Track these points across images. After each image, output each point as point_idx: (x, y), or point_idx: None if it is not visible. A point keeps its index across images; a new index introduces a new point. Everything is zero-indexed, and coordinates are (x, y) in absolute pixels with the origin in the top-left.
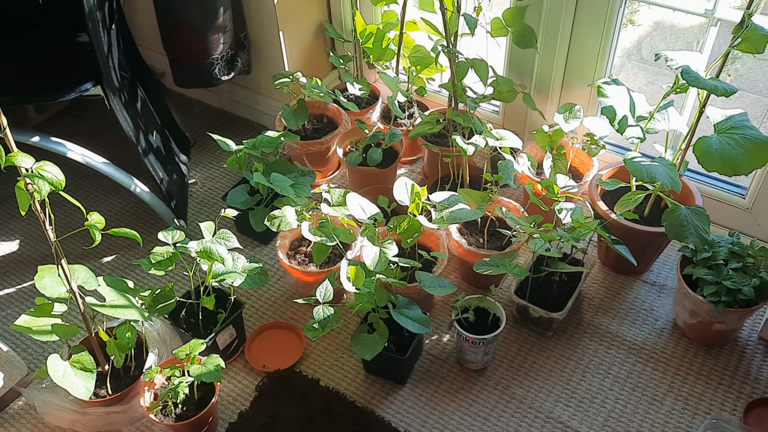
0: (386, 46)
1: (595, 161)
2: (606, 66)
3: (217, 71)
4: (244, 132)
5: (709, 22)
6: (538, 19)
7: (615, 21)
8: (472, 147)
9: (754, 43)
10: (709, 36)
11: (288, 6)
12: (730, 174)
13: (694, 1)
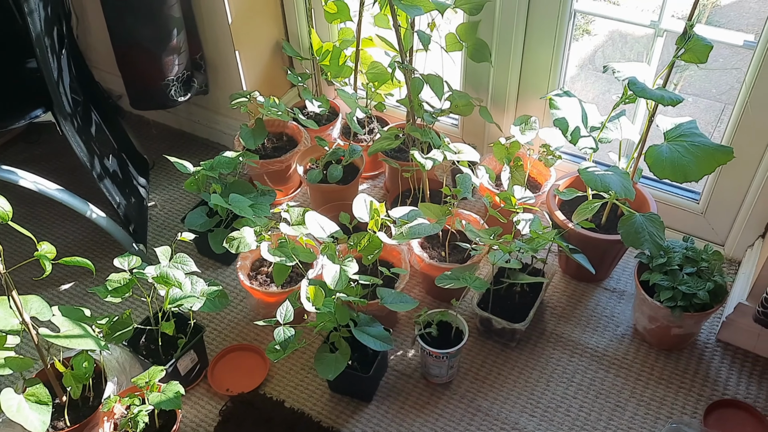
0: (343, 63)
1: (552, 171)
2: (559, 77)
3: (174, 92)
4: (204, 152)
5: (655, 33)
6: (491, 34)
7: (565, 34)
8: (430, 162)
9: (697, 54)
10: (656, 46)
11: (243, 25)
12: (680, 181)
13: (641, 13)
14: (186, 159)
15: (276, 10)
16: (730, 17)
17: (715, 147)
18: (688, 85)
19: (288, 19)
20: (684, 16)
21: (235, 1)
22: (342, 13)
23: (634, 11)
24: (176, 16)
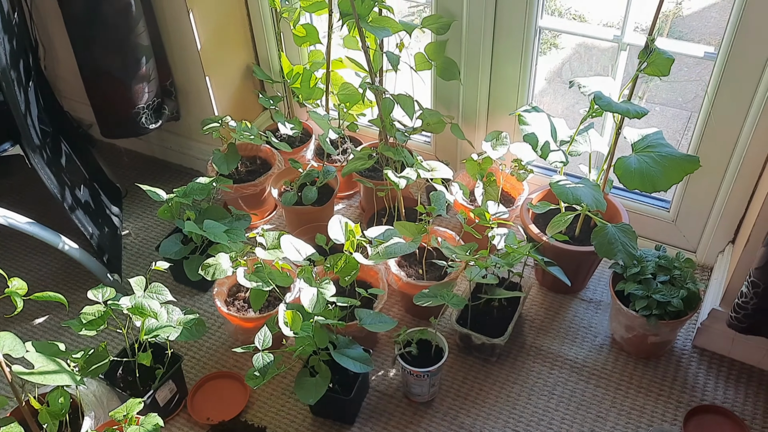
0: (314, 85)
1: (525, 185)
2: (527, 92)
3: (144, 120)
4: (177, 178)
5: (618, 47)
6: (459, 52)
7: (531, 50)
8: (403, 180)
9: (659, 67)
10: (620, 60)
11: (213, 51)
12: (650, 191)
13: (605, 28)
14: (159, 186)
15: (245, 35)
16: (693, 26)
17: (682, 157)
18: (654, 94)
19: (258, 43)
20: (647, 29)
21: (204, 28)
22: (311, 36)
23: (598, 27)
24: (144, 44)
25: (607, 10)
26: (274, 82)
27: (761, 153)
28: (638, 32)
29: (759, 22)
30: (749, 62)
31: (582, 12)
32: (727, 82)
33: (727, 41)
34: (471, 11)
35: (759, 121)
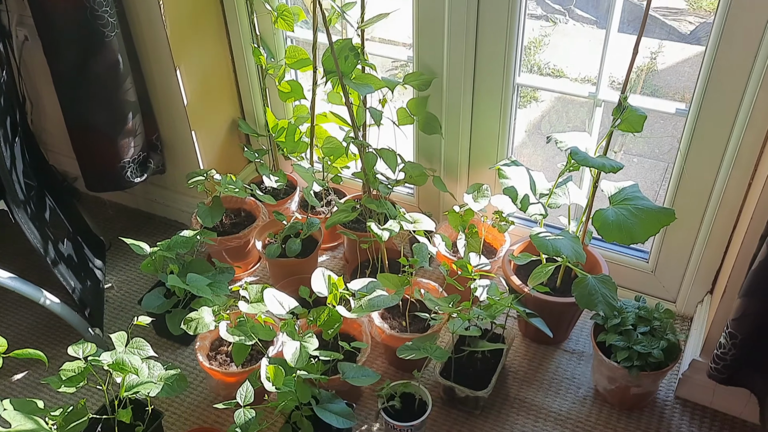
0: (299, 139)
1: (506, 236)
2: (507, 146)
3: (130, 174)
4: (162, 230)
5: (594, 103)
6: (441, 107)
7: (510, 106)
8: (386, 233)
9: (633, 123)
10: (595, 115)
11: (199, 106)
12: (627, 243)
13: (581, 85)
14: (143, 238)
15: (231, 90)
16: (667, 81)
17: (658, 209)
18: (632, 146)
19: (243, 98)
20: (622, 83)
21: (191, 84)
22: (296, 92)
23: (574, 83)
24: (131, 100)
25: (585, 64)
26: (260, 135)
27: (734, 205)
28: (613, 88)
29: (727, 79)
30: (719, 118)
31: (560, 66)
32: (698, 138)
33: (697, 98)
34: (451, 69)
35: (731, 174)
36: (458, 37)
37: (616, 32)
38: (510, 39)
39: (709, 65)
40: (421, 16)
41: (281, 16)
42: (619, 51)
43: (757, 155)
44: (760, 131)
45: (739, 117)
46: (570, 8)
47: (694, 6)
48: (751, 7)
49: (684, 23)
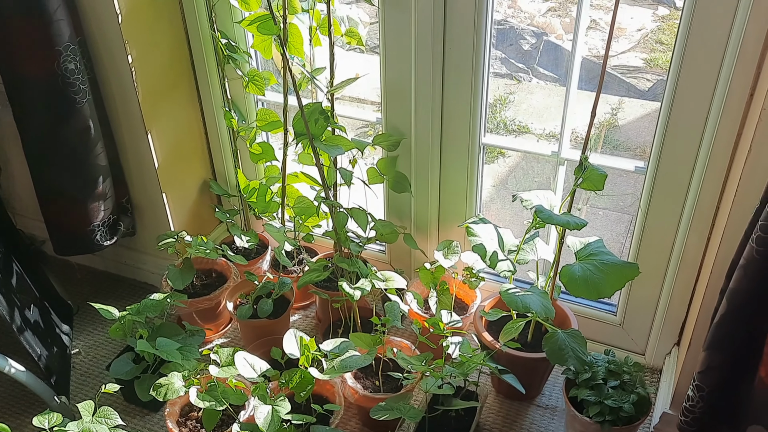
0: (270, 199)
1: (477, 292)
2: (475, 203)
3: (99, 237)
4: (131, 293)
5: (557, 162)
6: (410, 166)
7: (477, 164)
8: (358, 292)
9: (594, 182)
10: (559, 173)
11: (170, 168)
12: (594, 298)
13: (544, 144)
14: (112, 301)
15: (203, 152)
16: (628, 135)
17: (623, 264)
18: (597, 200)
19: (215, 159)
20: (583, 143)
21: (162, 147)
22: (267, 153)
23: (538, 143)
24: (102, 165)
25: (549, 121)
26: (231, 195)
27: (695, 259)
28: (577, 142)
29: (683, 136)
30: (676, 175)
31: (526, 122)
32: (658, 194)
33: (655, 155)
34: (419, 130)
35: (690, 229)
36: (425, 100)
37: (576, 90)
38: (474, 101)
39: (665, 122)
40: (388, 80)
41: (252, 80)
42: (580, 107)
43: (714, 211)
44: (715, 187)
45: (695, 173)
46: (533, 67)
47: (651, 64)
48: (702, 64)
49: (642, 80)
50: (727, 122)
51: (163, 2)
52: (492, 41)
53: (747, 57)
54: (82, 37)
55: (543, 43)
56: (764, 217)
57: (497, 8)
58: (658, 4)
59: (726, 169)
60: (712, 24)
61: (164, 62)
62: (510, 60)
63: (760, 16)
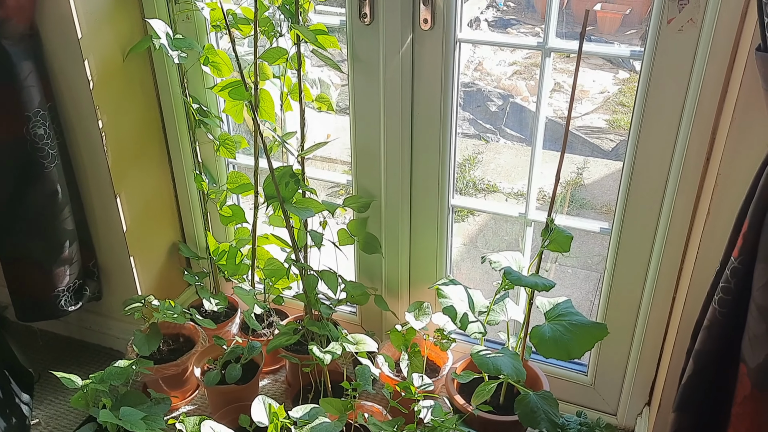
0: (240, 261)
1: (449, 353)
2: (445, 264)
3: (64, 303)
4: (96, 359)
5: (524, 223)
6: (380, 228)
7: (446, 225)
8: (328, 356)
9: (560, 244)
10: (527, 234)
11: (139, 231)
12: (565, 359)
13: (512, 205)
14: (76, 368)
15: (173, 214)
16: (594, 194)
17: (591, 324)
18: (566, 258)
19: (185, 222)
20: (548, 206)
21: (131, 210)
22: (237, 216)
23: (506, 202)
24: (69, 229)
25: (517, 180)
26: (200, 258)
27: (662, 319)
28: (543, 204)
29: (645, 196)
30: (639, 236)
31: (494, 182)
32: (623, 255)
33: (618, 216)
34: (389, 192)
35: (656, 289)
36: (394, 162)
37: (541, 152)
38: (443, 163)
39: (627, 184)
40: (358, 143)
41: (223, 144)
42: (547, 167)
43: (677, 272)
44: (678, 248)
45: (658, 235)
46: (500, 127)
47: (614, 125)
48: (660, 128)
49: (605, 141)
50: (686, 185)
51: (136, 68)
52: (459, 104)
53: (702, 122)
54: (52, 102)
55: (509, 104)
56: (725, 279)
57: (465, 71)
58: (618, 68)
59: (687, 231)
60: (667, 90)
61: (135, 126)
62: (478, 121)
63: (712, 83)
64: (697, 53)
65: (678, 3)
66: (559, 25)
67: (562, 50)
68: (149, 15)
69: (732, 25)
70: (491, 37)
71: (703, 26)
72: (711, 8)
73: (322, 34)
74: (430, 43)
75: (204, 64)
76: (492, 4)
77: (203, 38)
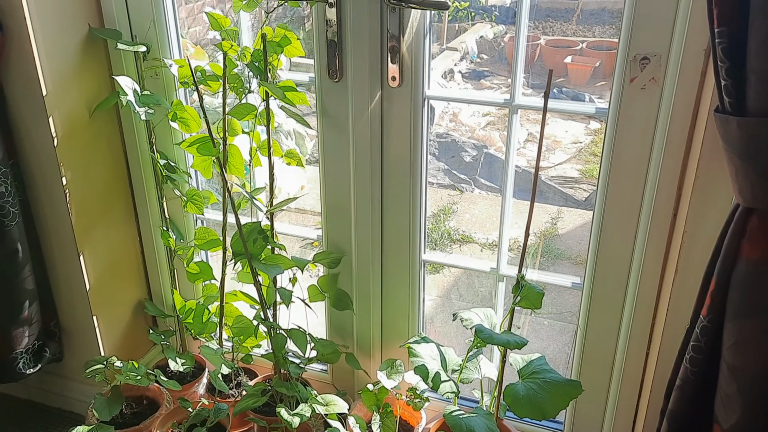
0: (207, 319)
1: (423, 413)
2: (417, 319)
3: (22, 365)
4: (56, 424)
5: (496, 279)
6: (351, 284)
7: (418, 281)
8: (297, 419)
9: (532, 301)
10: (499, 289)
11: (103, 289)
12: (539, 418)
13: (484, 261)
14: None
15: (138, 272)
16: (569, 245)
17: (566, 382)
18: (542, 309)
19: (151, 278)
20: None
21: (95, 268)
22: (204, 273)
23: (478, 260)
24: (29, 288)
25: (491, 230)
26: (167, 316)
27: (636, 376)
28: (517, 254)
29: (615, 254)
30: (611, 292)
31: (469, 232)
32: (594, 311)
33: (589, 274)
34: (359, 247)
35: (628, 346)
36: (365, 217)
37: (511, 203)
38: (413, 219)
39: (597, 239)
40: (329, 199)
41: (191, 200)
42: (520, 217)
43: (649, 329)
44: (649, 305)
45: (629, 291)
46: (475, 178)
47: (587, 175)
48: (628, 180)
49: (579, 191)
50: (654, 242)
51: (103, 124)
52: (432, 156)
53: (667, 178)
54: (15, 159)
55: (483, 155)
56: (695, 338)
57: (440, 122)
58: (590, 118)
59: (657, 288)
60: (632, 146)
61: (101, 182)
62: (453, 171)
63: (675, 141)
64: (660, 111)
65: (639, 62)
66: (532, 77)
67: (528, 107)
68: (117, 72)
69: (693, 84)
70: (460, 94)
71: (665, 85)
72: (672, 67)
73: (291, 91)
74: (399, 100)
75: (172, 119)
76: (465, 57)
77: (172, 94)
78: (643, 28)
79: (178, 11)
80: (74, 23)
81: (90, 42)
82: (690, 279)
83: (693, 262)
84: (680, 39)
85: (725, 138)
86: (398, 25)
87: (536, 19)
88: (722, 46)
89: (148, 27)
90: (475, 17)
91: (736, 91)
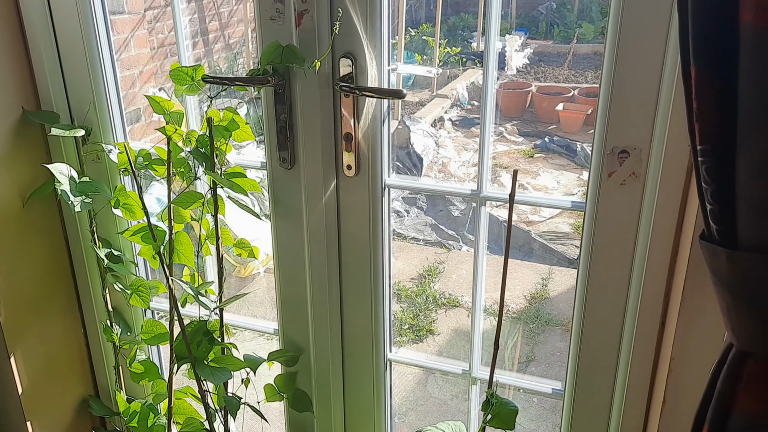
0: (153, 423)
1: None
2: (384, 420)
3: None
4: None
5: (469, 382)
6: (310, 383)
7: (384, 381)
8: None
9: (504, 419)
10: (473, 395)
11: (39, 391)
12: None
13: (455, 361)
14: None
15: (83, 368)
16: (560, 308)
17: None
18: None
19: (98, 374)
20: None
21: (30, 367)
22: (150, 372)
23: (450, 361)
24: None
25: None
26: (115, 414)
27: None
28: (507, 317)
29: (598, 372)
30: (596, 399)
31: (456, 295)
32: (577, 424)
33: (570, 384)
34: (317, 345)
35: None
36: (322, 313)
37: (482, 303)
38: (376, 316)
39: (577, 349)
40: (283, 294)
41: (136, 292)
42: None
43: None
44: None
45: (614, 414)
46: (463, 234)
47: (579, 230)
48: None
49: (570, 248)
50: (639, 367)
51: (39, 212)
52: (416, 213)
53: (652, 287)
54: None
55: (472, 210)
56: None
57: (428, 173)
58: (582, 168)
59: (644, 415)
60: (613, 250)
61: (37, 275)
62: (440, 226)
63: (658, 256)
64: (643, 211)
65: (618, 156)
66: (523, 124)
67: (496, 199)
68: (56, 156)
69: (678, 183)
70: (424, 182)
71: (647, 181)
72: (654, 161)
73: (240, 177)
74: (356, 189)
75: (115, 207)
76: (456, 104)
77: (116, 178)
78: (620, 118)
79: (121, 90)
80: (6, 105)
81: (24, 125)
82: (681, 406)
83: (683, 395)
84: (662, 131)
85: (713, 270)
86: (353, 111)
87: (528, 63)
88: (706, 166)
89: (87, 109)
90: (467, 63)
91: (725, 218)
